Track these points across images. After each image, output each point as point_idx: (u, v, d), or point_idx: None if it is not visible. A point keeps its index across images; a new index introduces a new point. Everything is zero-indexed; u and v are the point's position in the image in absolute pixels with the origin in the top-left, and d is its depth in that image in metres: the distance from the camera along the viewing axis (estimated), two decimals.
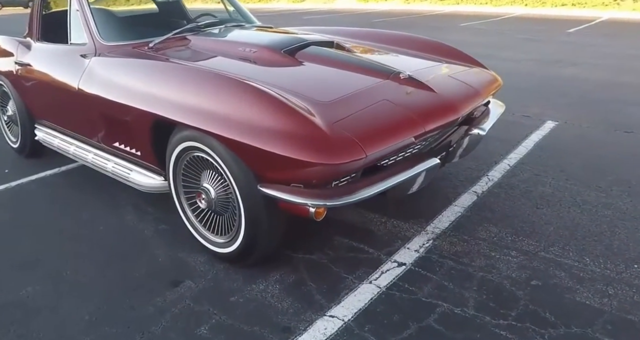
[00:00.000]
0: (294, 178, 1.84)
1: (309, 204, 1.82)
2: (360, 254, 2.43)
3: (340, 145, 1.75)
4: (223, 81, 2.02)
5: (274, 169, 1.84)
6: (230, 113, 1.89)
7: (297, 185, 1.86)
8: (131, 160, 2.67)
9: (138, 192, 3.05)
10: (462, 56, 2.91)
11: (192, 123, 1.99)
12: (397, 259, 2.37)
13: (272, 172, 1.87)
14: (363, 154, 1.78)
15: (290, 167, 1.78)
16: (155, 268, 2.36)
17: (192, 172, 2.29)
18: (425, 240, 2.53)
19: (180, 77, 2.16)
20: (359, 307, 2.05)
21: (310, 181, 1.84)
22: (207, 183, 2.20)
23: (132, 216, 2.86)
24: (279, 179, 1.87)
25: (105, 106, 2.55)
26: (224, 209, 2.21)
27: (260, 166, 1.89)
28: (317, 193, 1.84)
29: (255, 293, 2.15)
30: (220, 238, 2.27)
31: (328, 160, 1.72)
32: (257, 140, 1.80)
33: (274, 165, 1.82)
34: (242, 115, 1.86)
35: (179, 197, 2.40)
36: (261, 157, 1.82)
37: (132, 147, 2.59)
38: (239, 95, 1.92)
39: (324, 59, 2.54)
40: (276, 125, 1.79)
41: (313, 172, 1.78)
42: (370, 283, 2.20)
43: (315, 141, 1.74)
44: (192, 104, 2.02)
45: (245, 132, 1.83)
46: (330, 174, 1.80)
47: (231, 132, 1.86)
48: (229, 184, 2.07)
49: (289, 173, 1.82)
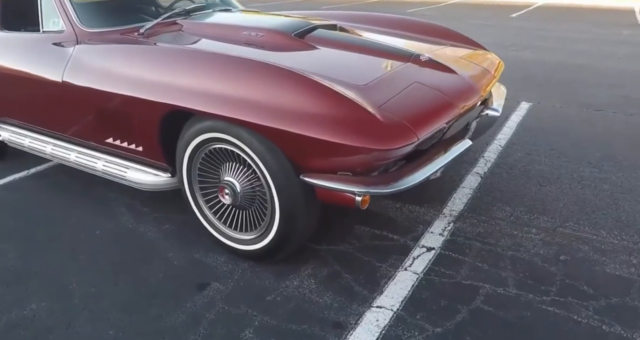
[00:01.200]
0: (342, 166, 1.74)
1: (357, 193, 1.73)
2: (385, 241, 2.37)
3: (393, 129, 1.67)
4: (258, 67, 1.87)
5: (321, 158, 1.73)
6: (270, 100, 1.75)
7: (344, 173, 1.76)
8: (128, 157, 2.45)
9: (128, 192, 2.84)
10: (462, 38, 2.90)
11: (222, 112, 1.83)
12: (425, 244, 2.34)
13: (318, 161, 1.75)
14: (415, 137, 1.71)
15: (341, 155, 1.68)
16: (173, 272, 2.18)
17: (210, 165, 2.12)
18: (446, 224, 2.51)
19: (203, 64, 1.98)
20: (403, 296, 1.99)
21: (359, 168, 1.75)
22: (230, 176, 2.05)
23: (129, 218, 2.64)
24: (324, 167, 1.77)
25: (99, 99, 2.31)
26: (250, 203, 2.07)
27: (304, 155, 1.77)
28: (366, 181, 1.75)
29: (292, 290, 2.04)
30: (246, 235, 2.13)
31: (383, 146, 1.64)
32: (304, 128, 1.68)
33: (321, 153, 1.71)
34: (285, 102, 1.73)
35: (194, 194, 2.22)
36: (307, 145, 1.71)
37: (131, 143, 2.37)
38: (280, 82, 1.78)
39: (335, 42, 2.44)
40: (325, 111, 1.68)
41: (365, 159, 1.68)
42: (405, 270, 2.15)
43: (369, 126, 1.65)
44: (220, 92, 1.85)
45: (289, 121, 1.70)
46: (382, 159, 1.71)
47: (272, 121, 1.73)
48: (260, 176, 1.93)
49: (338, 161, 1.72)
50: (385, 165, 1.82)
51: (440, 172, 2.19)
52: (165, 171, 2.36)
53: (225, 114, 1.83)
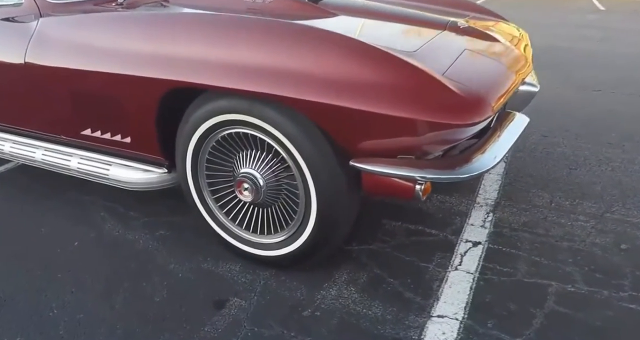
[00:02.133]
0: (404, 147, 1.41)
1: (426, 179, 1.41)
2: (423, 236, 2.06)
3: (469, 100, 1.36)
4: (296, 30, 1.50)
5: (380, 138, 1.40)
6: (315, 70, 1.39)
7: (405, 156, 1.43)
8: (111, 151, 2.03)
9: (106, 193, 2.41)
10: (482, 9, 2.63)
11: (248, 87, 1.46)
12: (469, 238, 2.05)
13: (374, 143, 1.42)
14: (490, 110, 1.40)
15: (407, 133, 1.36)
16: (179, 288, 1.79)
17: (223, 156, 1.74)
18: (485, 214, 2.23)
19: (220, 28, 1.59)
20: (464, 301, 1.69)
21: (425, 150, 1.42)
22: (250, 168, 1.68)
23: (113, 224, 2.21)
24: (381, 150, 1.43)
25: (73, 81, 1.88)
26: (274, 199, 1.70)
27: (358, 136, 1.42)
28: (433, 165, 1.43)
29: (331, 302, 1.70)
30: (270, 238, 1.77)
31: (461, 120, 1.32)
32: (364, 102, 1.34)
33: (381, 132, 1.38)
34: (335, 71, 1.38)
35: (201, 192, 1.83)
36: (364, 123, 1.37)
37: (116, 134, 1.96)
38: (327, 46, 1.43)
39: (354, 9, 2.11)
40: (389, 80, 1.35)
41: (436, 137, 1.36)
42: (456, 270, 1.85)
43: (442, 97, 1.34)
44: (246, 62, 1.48)
45: (344, 93, 1.36)
46: (455, 138, 1.40)
47: (320, 94, 1.38)
48: (292, 164, 1.57)
49: (402, 141, 1.39)
50: (452, 146, 1.50)
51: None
52: (160, 166, 1.96)
53: (253, 89, 1.45)
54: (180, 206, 2.28)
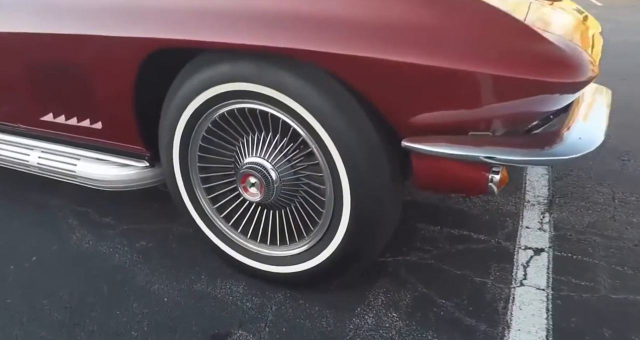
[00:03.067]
0: (482, 118, 1.00)
1: (504, 163, 1.01)
2: (471, 244, 1.66)
3: (574, 56, 0.96)
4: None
5: (449, 105, 0.99)
6: (355, 13, 0.99)
7: (479, 132, 1.03)
8: (79, 141, 1.60)
9: (77, 195, 2.00)
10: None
11: (258, 41, 1.05)
12: (528, 244, 1.65)
13: (440, 114, 1.01)
14: (596, 69, 1.01)
15: (489, 97, 0.95)
16: (164, 317, 1.36)
17: (221, 142, 1.32)
18: (540, 214, 1.83)
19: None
20: (544, 327, 1.28)
21: (509, 122, 1.02)
22: (258, 157, 1.26)
23: (83, 233, 1.77)
24: (448, 124, 1.02)
25: (30, 49, 1.46)
26: (290, 199, 1.29)
27: (417, 104, 1.01)
28: (520, 143, 1.03)
29: (368, 333, 1.28)
30: (285, 250, 1.35)
31: (569, 77, 0.92)
32: (428, 55, 0.94)
33: (452, 97, 0.97)
34: (387, 15, 0.97)
35: (192, 190, 1.41)
36: (428, 85, 0.97)
37: (83, 118, 1.53)
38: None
39: None
40: (465, 27, 0.96)
41: (528, 104, 0.96)
42: (522, 285, 1.45)
43: (542, 51, 0.94)
44: (254, 8, 1.07)
45: (399, 45, 0.96)
46: (554, 103, 0.99)
47: (361, 47, 0.97)
48: (317, 149, 1.16)
49: (480, 111, 0.98)
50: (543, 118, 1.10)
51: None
52: (140, 159, 1.54)
53: (266, 43, 1.04)
54: (168, 210, 1.86)
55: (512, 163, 1.04)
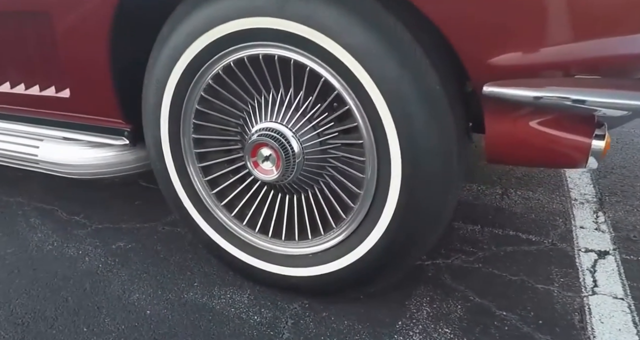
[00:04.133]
0: (595, 55, 0.73)
1: None
2: (521, 245, 1.38)
3: None
4: None
5: (552, 37, 0.72)
6: None
7: (584, 76, 0.75)
8: (42, 116, 1.30)
9: (43, 190, 1.68)
10: None
11: None
12: (589, 247, 1.37)
13: (539, 52, 0.73)
14: None
15: (611, 22, 0.69)
16: (149, 334, 1.04)
17: (224, 103, 1.02)
18: (592, 213, 1.57)
19: None
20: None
21: (629, 59, 0.75)
22: (274, 122, 0.96)
23: (46, 233, 1.45)
24: (548, 63, 0.74)
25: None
26: (314, 178, 1.00)
27: (505, 37, 0.74)
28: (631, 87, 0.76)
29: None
30: (306, 246, 1.04)
31: None
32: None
33: (555, 23, 0.71)
34: None
35: (184, 169, 1.10)
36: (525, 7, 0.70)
37: (47, 84, 1.23)
38: None
39: None
40: None
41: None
42: (596, 294, 1.17)
43: None
44: None
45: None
46: None
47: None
48: (356, 107, 0.87)
49: (594, 45, 0.71)
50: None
51: None
52: (118, 136, 1.23)
53: None
54: (152, 208, 1.55)
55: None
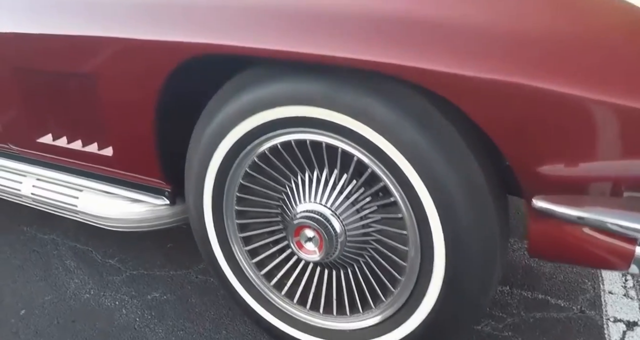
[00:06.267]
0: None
1: None
2: (550, 311, 1.38)
3: None
4: None
5: (614, 154, 0.73)
6: (484, 19, 0.75)
7: (635, 193, 0.76)
8: (83, 169, 1.33)
9: (75, 228, 1.72)
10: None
11: (337, 52, 0.80)
12: (617, 315, 1.37)
13: (596, 165, 0.75)
14: None
15: None
16: None
17: (269, 181, 1.05)
18: (621, 276, 1.56)
19: None
20: None
21: None
22: (318, 203, 0.99)
23: (83, 278, 1.48)
24: (601, 177, 0.76)
25: (24, 53, 1.20)
26: (356, 255, 1.02)
27: (560, 148, 0.75)
28: None
29: None
30: (349, 321, 1.06)
31: None
32: (582, 84, 0.70)
33: (626, 143, 0.72)
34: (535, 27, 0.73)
35: (227, 241, 1.13)
36: (592, 124, 0.72)
37: (89, 141, 1.27)
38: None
39: None
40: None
41: None
42: None
43: None
44: (337, 8, 0.82)
45: (544, 65, 0.72)
46: None
47: (489, 67, 0.73)
48: (403, 202, 0.89)
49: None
50: None
51: None
52: (158, 194, 1.26)
53: (348, 55, 0.79)
54: (182, 252, 1.58)
55: None
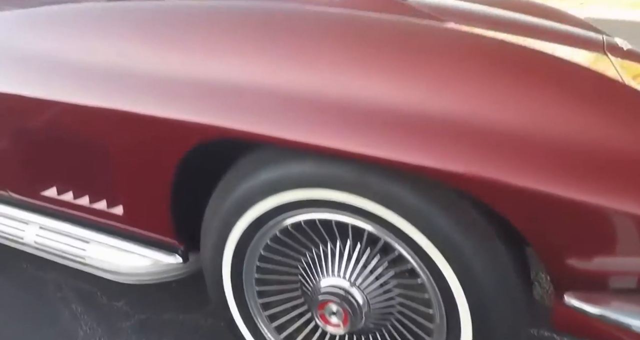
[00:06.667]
0: None
1: None
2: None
3: None
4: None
5: None
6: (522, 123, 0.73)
7: None
8: (91, 222, 1.30)
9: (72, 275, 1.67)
10: (576, 21, 2.01)
11: (368, 150, 0.78)
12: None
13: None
14: None
15: None
16: None
17: (288, 257, 1.03)
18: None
19: (312, 35, 0.89)
20: None
21: None
22: (341, 277, 0.97)
23: (90, 327, 1.46)
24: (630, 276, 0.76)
25: (32, 117, 1.15)
26: (380, 323, 1.01)
27: (594, 251, 0.75)
28: None
29: None
30: None
31: None
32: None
33: None
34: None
35: (249, 314, 1.11)
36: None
37: (98, 198, 1.23)
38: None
39: (457, 12, 1.44)
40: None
41: None
42: None
43: None
44: (373, 102, 0.79)
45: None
46: None
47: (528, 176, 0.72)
48: (430, 284, 0.88)
49: None
50: None
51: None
52: (170, 252, 1.23)
53: (379, 154, 0.77)
54: (190, 293, 1.56)
55: None
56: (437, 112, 0.75)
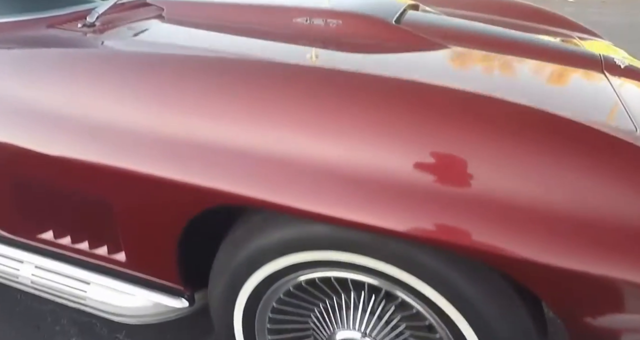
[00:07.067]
0: None
1: None
2: None
3: None
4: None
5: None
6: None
7: None
8: (91, 265, 1.27)
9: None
10: (573, 25, 2.01)
11: (383, 223, 0.77)
12: None
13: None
14: None
15: None
16: None
17: (301, 310, 1.02)
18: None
19: (321, 96, 0.87)
20: None
21: None
22: (354, 329, 0.97)
23: None
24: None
25: (23, 169, 1.10)
26: None
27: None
28: None
29: None
30: None
31: None
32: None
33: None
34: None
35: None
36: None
37: (98, 244, 1.20)
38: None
39: (462, 34, 1.41)
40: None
41: None
42: None
43: None
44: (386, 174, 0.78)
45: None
46: None
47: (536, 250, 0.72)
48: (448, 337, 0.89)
49: None
50: None
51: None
52: (177, 295, 1.22)
53: (391, 227, 0.76)
54: (190, 321, 1.55)
55: None
56: (450, 189, 0.75)
